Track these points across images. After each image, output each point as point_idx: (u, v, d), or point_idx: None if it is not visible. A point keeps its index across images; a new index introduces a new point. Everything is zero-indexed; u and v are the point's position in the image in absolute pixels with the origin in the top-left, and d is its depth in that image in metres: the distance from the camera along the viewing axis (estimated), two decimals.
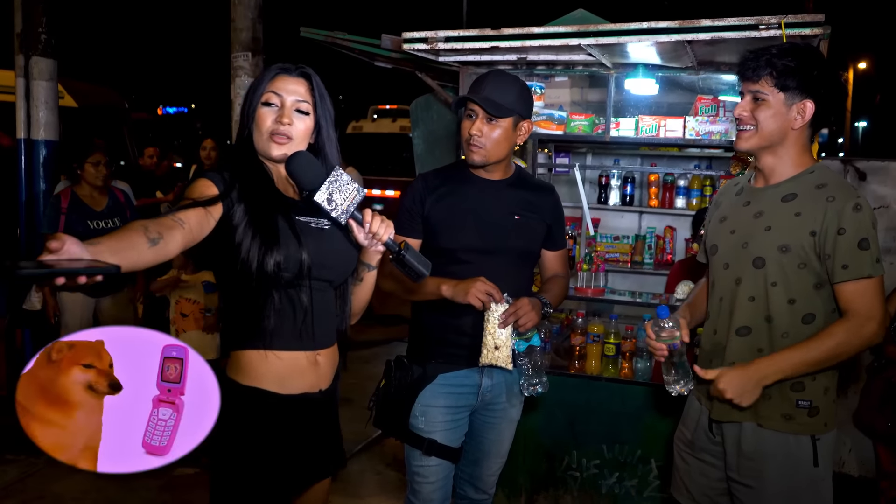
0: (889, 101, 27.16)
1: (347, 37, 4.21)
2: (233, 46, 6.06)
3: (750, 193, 2.18)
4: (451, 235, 2.40)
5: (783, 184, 2.11)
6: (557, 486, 3.54)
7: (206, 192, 1.76)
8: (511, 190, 2.47)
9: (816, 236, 2.00)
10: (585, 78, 4.29)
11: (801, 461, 2.08)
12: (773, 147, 2.09)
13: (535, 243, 2.53)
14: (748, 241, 2.10)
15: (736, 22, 2.81)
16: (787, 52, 2.04)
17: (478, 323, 2.39)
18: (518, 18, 3.43)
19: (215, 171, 1.84)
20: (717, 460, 2.19)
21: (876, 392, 3.63)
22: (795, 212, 2.03)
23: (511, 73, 2.52)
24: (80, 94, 8.57)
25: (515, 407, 2.58)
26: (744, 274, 2.10)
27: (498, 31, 3.22)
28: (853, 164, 4.07)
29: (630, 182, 4.71)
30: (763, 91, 2.05)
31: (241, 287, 1.79)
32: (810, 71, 2.02)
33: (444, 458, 2.46)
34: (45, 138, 5.33)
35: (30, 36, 5.23)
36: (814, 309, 2.05)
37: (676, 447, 2.33)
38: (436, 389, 2.44)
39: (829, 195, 2.01)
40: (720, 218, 2.24)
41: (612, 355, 3.52)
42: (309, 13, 18.23)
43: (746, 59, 2.09)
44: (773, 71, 2.02)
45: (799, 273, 2.03)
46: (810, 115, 2.05)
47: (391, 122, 13.59)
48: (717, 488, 2.21)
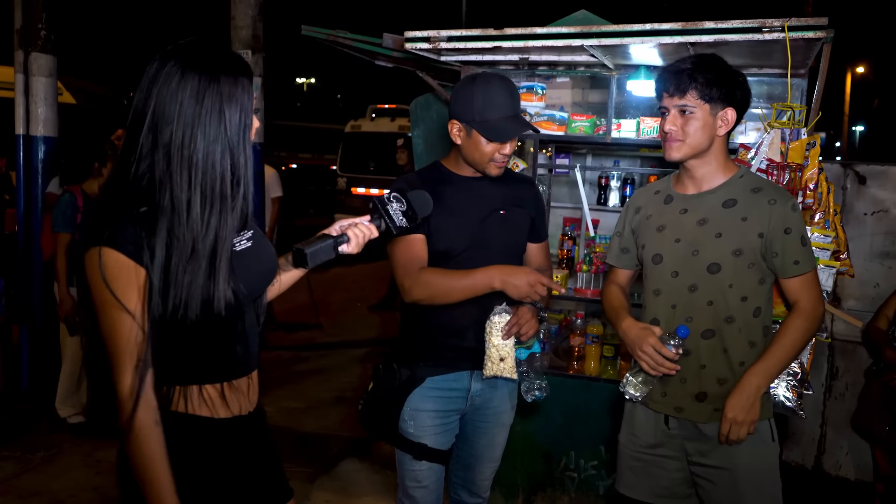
0: (887, 106, 27.23)
1: (349, 35, 4.20)
2: (233, 44, 6.06)
3: (684, 201, 2.28)
4: (442, 237, 2.37)
5: (718, 190, 2.23)
6: (555, 487, 3.53)
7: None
8: (493, 185, 2.46)
9: (764, 238, 2.16)
10: (587, 79, 4.28)
11: (765, 440, 2.24)
12: (702, 154, 2.21)
13: (522, 237, 2.53)
14: (698, 249, 2.21)
15: (739, 24, 2.80)
16: (703, 65, 2.16)
17: (469, 325, 2.38)
18: (517, 20, 3.43)
19: None
20: (676, 452, 2.30)
21: (874, 395, 3.64)
22: (742, 216, 2.17)
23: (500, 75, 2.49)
24: (79, 90, 8.55)
25: (507, 412, 2.57)
26: (698, 281, 2.20)
27: (501, 31, 3.22)
28: (853, 167, 4.07)
29: (630, 183, 4.69)
30: (690, 104, 2.16)
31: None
32: (728, 80, 2.16)
33: (435, 462, 2.45)
34: (43, 135, 5.31)
35: (29, 32, 5.22)
36: (759, 302, 2.22)
37: (626, 450, 2.40)
38: (424, 393, 2.41)
39: (769, 198, 2.17)
40: (657, 227, 2.31)
41: (611, 356, 3.53)
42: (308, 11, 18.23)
43: (666, 75, 2.20)
44: (697, 84, 2.13)
45: (748, 272, 2.18)
46: (732, 121, 2.19)
47: (390, 121, 13.59)
48: (676, 478, 2.32)
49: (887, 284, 3.95)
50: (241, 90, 1.56)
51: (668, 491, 2.33)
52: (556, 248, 4.28)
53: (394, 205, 1.94)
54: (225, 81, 1.53)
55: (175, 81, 1.51)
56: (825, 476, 4.14)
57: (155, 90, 1.51)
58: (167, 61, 1.52)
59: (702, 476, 2.27)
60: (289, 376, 5.82)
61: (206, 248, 1.52)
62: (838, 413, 4.10)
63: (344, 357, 6.40)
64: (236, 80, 1.56)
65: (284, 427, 4.67)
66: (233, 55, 1.61)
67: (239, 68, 1.58)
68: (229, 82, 1.54)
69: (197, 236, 1.51)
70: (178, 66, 1.51)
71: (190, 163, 1.51)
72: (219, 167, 1.53)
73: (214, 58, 1.56)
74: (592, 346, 3.53)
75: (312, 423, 4.81)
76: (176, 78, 1.51)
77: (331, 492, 3.82)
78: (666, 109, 2.21)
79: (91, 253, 1.48)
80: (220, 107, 1.53)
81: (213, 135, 1.52)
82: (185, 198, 1.50)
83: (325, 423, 4.83)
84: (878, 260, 4.03)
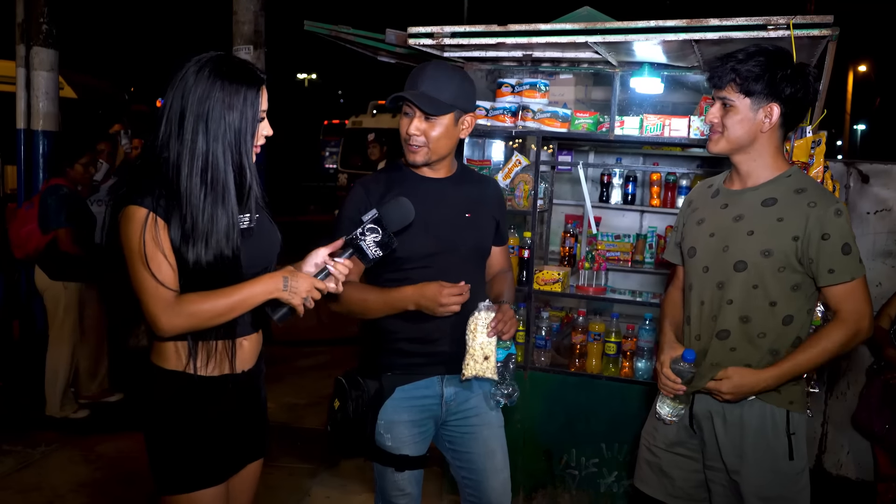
0: (889, 105, 27.18)
1: (352, 31, 4.19)
2: (234, 39, 6.06)
3: (727, 196, 2.22)
4: (403, 243, 2.14)
5: (761, 187, 2.15)
6: (556, 485, 3.53)
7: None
8: (458, 187, 2.35)
9: (799, 241, 2.05)
10: (590, 76, 4.27)
11: (779, 434, 2.14)
12: (745, 149, 2.14)
13: (487, 240, 2.43)
14: (729, 245, 2.14)
15: (744, 22, 2.79)
16: (751, 56, 2.08)
17: (434, 328, 2.26)
18: (521, 16, 3.43)
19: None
20: (696, 454, 2.27)
21: (875, 394, 3.64)
22: (777, 217, 2.08)
23: (450, 64, 2.39)
24: (80, 85, 8.54)
25: (489, 412, 2.41)
26: (726, 278, 2.14)
27: (504, 27, 3.21)
28: (856, 166, 4.07)
29: (632, 181, 4.69)
30: (730, 97, 2.10)
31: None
32: (774, 74, 2.06)
33: (416, 468, 2.35)
34: (44, 129, 5.31)
35: (31, 26, 5.22)
36: (792, 310, 2.11)
37: (645, 443, 2.38)
38: (397, 404, 2.30)
39: (809, 201, 2.06)
40: (698, 220, 2.27)
41: (613, 354, 3.52)
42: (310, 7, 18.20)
43: (714, 65, 2.14)
44: (737, 77, 2.07)
45: (777, 276, 2.08)
46: (777, 118, 2.09)
47: (391, 117, 13.60)
48: (693, 479, 2.29)
49: (890, 283, 3.95)
50: (243, 100, 1.83)
51: (683, 493, 2.30)
52: (557, 246, 4.28)
53: (367, 239, 1.93)
54: (229, 90, 1.81)
55: (191, 84, 1.80)
56: (826, 475, 4.14)
57: (179, 90, 1.81)
58: (191, 67, 1.82)
59: (714, 482, 2.24)
60: (290, 372, 5.82)
61: (205, 221, 1.81)
62: (839, 412, 4.10)
63: (345, 352, 6.39)
64: (238, 89, 1.82)
65: (285, 423, 4.66)
66: (245, 68, 1.87)
67: (245, 79, 1.83)
68: (232, 91, 1.81)
69: (196, 213, 1.80)
70: (194, 72, 1.80)
71: (193, 155, 1.80)
72: (221, 163, 1.82)
73: (227, 69, 1.82)
74: (594, 344, 3.53)
75: (313, 419, 4.81)
76: (191, 81, 1.80)
77: (331, 488, 3.81)
78: (713, 100, 2.17)
79: (129, 211, 1.77)
80: (220, 111, 1.81)
81: (216, 133, 1.81)
82: (188, 183, 1.80)
83: (326, 420, 4.82)
84: (880, 259, 4.02)
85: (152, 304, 1.76)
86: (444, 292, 2.15)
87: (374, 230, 1.93)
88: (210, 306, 1.79)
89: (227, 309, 1.80)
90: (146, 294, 1.76)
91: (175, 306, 1.76)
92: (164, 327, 1.78)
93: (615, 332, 3.52)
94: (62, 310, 4.52)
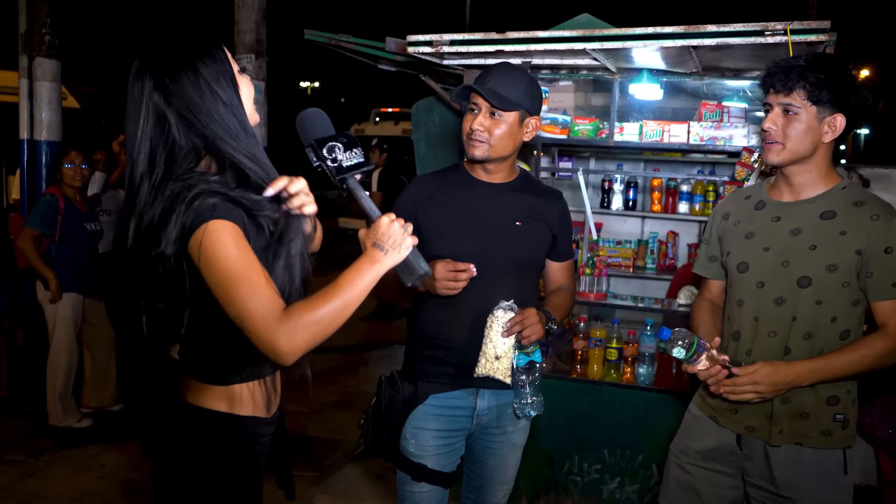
0: (891, 109, 27.15)
1: (352, 39, 4.21)
2: (236, 48, 6.09)
3: (778, 208, 2.13)
4: (443, 243, 2.19)
5: (817, 199, 2.07)
6: (558, 491, 3.53)
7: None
8: (513, 194, 2.31)
9: (861, 255, 1.99)
10: (589, 82, 4.29)
11: (834, 472, 2.06)
12: (804, 161, 2.06)
13: (538, 252, 2.35)
14: (789, 260, 2.06)
15: (741, 28, 2.80)
16: (817, 63, 2.00)
17: (471, 340, 2.23)
18: (520, 23, 3.44)
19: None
20: (734, 469, 2.17)
21: (877, 399, 3.62)
22: (840, 230, 2.01)
23: (519, 66, 2.41)
24: (84, 95, 8.58)
25: (517, 432, 2.39)
26: (786, 293, 2.06)
27: (503, 34, 3.23)
28: (857, 170, 4.06)
29: (633, 187, 4.70)
30: (795, 104, 2.00)
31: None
32: (841, 83, 1.99)
33: (436, 485, 2.30)
34: (47, 139, 5.34)
35: (34, 36, 5.25)
36: (850, 325, 2.05)
37: (676, 458, 2.27)
38: (427, 411, 2.27)
39: (871, 214, 2.00)
40: (745, 233, 2.17)
41: (615, 360, 3.52)
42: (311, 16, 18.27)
43: (776, 70, 2.04)
44: (807, 84, 1.98)
45: (841, 291, 2.02)
46: (841, 128, 2.02)
47: (393, 124, 13.64)
48: (727, 497, 2.19)
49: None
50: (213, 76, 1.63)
51: None
52: None
53: (327, 161, 1.75)
54: (179, 82, 1.62)
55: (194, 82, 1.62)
56: None
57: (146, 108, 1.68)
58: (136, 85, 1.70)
59: (758, 500, 2.14)
60: (292, 380, 5.81)
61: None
62: None
63: (348, 360, 6.40)
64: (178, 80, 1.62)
65: (288, 431, 4.65)
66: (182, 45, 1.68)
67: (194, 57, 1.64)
68: (182, 81, 1.62)
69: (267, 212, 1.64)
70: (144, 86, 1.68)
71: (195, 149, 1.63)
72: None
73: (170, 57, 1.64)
74: (595, 350, 3.53)
75: (316, 427, 4.81)
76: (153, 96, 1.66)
77: (333, 496, 3.81)
78: (770, 106, 2.05)
79: (217, 227, 1.50)
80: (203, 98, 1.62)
81: (206, 120, 1.60)
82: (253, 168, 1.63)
83: (329, 427, 4.82)
84: None
85: (265, 328, 1.48)
86: (445, 268, 2.12)
87: (316, 151, 1.75)
88: (327, 308, 1.52)
89: (343, 304, 1.54)
90: (254, 319, 1.48)
91: (288, 321, 1.49)
92: (287, 350, 1.51)
93: (616, 337, 3.52)
94: (58, 320, 4.53)
